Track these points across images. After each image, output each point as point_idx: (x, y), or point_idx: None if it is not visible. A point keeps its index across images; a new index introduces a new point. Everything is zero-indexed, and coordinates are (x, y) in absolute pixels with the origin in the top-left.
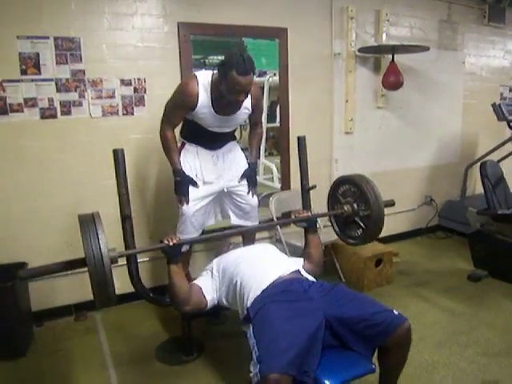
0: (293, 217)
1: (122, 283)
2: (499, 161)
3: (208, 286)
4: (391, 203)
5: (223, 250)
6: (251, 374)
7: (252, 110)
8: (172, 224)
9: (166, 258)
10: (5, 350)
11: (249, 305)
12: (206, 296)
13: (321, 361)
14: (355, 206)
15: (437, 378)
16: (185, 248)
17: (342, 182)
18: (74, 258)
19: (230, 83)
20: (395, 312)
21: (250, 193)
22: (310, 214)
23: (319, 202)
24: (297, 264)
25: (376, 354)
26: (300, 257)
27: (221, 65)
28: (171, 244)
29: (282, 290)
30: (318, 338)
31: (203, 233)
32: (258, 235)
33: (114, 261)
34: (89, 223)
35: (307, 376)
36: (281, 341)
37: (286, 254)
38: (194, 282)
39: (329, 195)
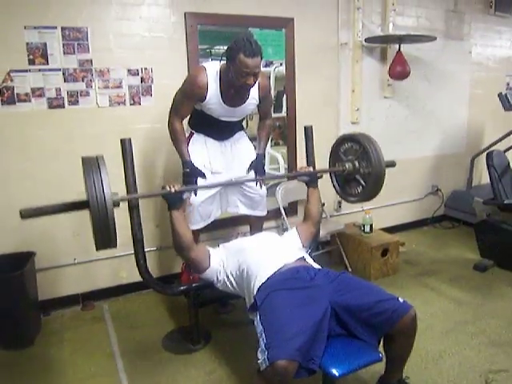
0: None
1: (129, 273)
2: (506, 150)
3: (216, 256)
4: (392, 164)
5: (231, 238)
6: (259, 361)
7: (260, 100)
8: None
9: (167, 206)
10: (13, 339)
11: (255, 292)
12: (212, 260)
13: (327, 350)
14: (356, 163)
15: (443, 366)
16: (186, 195)
17: (344, 139)
18: (80, 247)
19: (238, 66)
20: (400, 300)
21: (258, 184)
22: (312, 169)
23: (325, 192)
24: (302, 251)
25: (382, 343)
26: (296, 228)
27: (228, 50)
28: (172, 191)
29: (288, 278)
30: (324, 326)
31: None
32: (265, 224)
33: (115, 204)
34: (93, 165)
35: (313, 363)
36: (288, 328)
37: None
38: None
39: (331, 153)
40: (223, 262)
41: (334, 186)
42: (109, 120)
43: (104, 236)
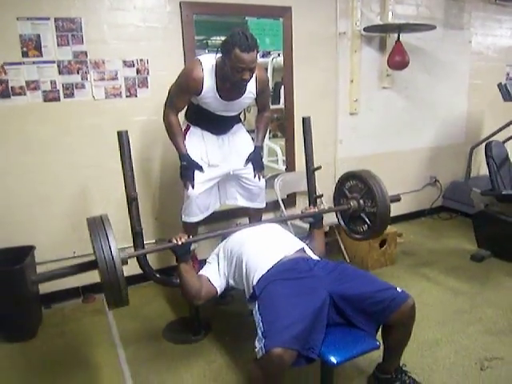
0: (300, 212)
1: (129, 265)
2: (505, 141)
3: (215, 273)
4: (397, 199)
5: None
6: (256, 349)
7: (258, 94)
8: (177, 205)
9: (175, 256)
10: (15, 332)
11: (255, 283)
12: (215, 284)
13: (326, 338)
14: (361, 201)
15: (440, 355)
16: (193, 246)
17: (348, 177)
18: (80, 240)
19: (234, 61)
20: (398, 289)
21: (257, 176)
22: (316, 209)
23: (324, 183)
24: (301, 242)
25: (380, 332)
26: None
27: (223, 44)
28: (180, 243)
29: (287, 269)
30: (323, 315)
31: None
32: (263, 216)
33: (124, 262)
34: (98, 226)
35: (312, 352)
36: (285, 317)
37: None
38: (201, 272)
39: (335, 190)
40: (224, 271)
41: (339, 223)
42: (105, 112)
43: (115, 297)
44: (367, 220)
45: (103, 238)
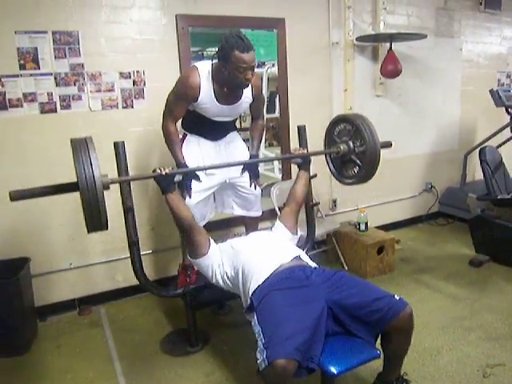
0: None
1: (125, 276)
2: (498, 146)
3: (216, 248)
4: (388, 144)
5: (226, 239)
6: (258, 361)
7: (253, 99)
8: None
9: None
10: (9, 346)
11: (251, 294)
12: (211, 249)
13: (325, 348)
14: (351, 143)
15: (441, 362)
16: (177, 178)
17: (337, 121)
18: (76, 252)
19: (235, 63)
20: (396, 297)
21: (253, 185)
22: (306, 151)
23: (320, 191)
24: (297, 249)
25: (380, 341)
26: (279, 219)
27: (221, 49)
28: (163, 173)
29: (284, 278)
30: (321, 324)
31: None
32: (260, 225)
33: (105, 187)
34: (81, 147)
35: (312, 362)
36: (286, 327)
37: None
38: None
39: (325, 137)
40: (221, 258)
41: (330, 169)
42: (102, 124)
43: (94, 218)
44: (357, 161)
45: (86, 160)
